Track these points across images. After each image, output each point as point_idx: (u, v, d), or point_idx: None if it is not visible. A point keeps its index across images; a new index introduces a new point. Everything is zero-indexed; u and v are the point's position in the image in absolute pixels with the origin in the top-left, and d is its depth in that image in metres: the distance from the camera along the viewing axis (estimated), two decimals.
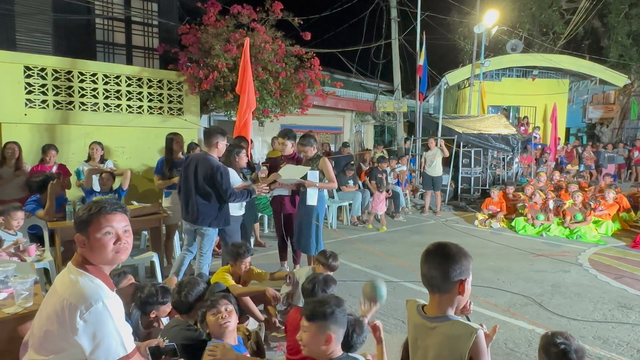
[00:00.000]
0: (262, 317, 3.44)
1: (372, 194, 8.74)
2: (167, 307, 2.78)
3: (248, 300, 3.38)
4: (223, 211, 4.09)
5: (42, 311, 1.63)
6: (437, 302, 1.72)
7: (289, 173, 4.56)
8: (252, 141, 5.32)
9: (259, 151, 10.52)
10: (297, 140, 4.89)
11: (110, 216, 1.65)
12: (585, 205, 7.60)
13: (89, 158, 6.04)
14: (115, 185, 5.21)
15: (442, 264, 1.66)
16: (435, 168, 9.23)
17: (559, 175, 9.99)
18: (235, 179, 4.36)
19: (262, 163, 7.56)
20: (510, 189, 8.73)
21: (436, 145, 9.55)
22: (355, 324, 2.21)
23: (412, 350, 1.83)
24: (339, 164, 9.22)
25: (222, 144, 4.11)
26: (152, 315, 2.73)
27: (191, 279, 2.84)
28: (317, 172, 4.67)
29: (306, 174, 4.55)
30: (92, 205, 1.68)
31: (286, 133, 4.90)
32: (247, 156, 4.73)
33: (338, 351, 1.92)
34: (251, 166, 5.76)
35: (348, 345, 2.16)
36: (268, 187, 4.44)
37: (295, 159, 4.88)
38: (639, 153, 13.93)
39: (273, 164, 5.11)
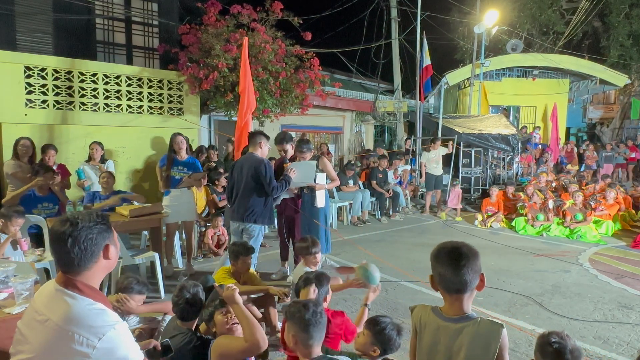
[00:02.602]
0: (260, 315, 3.46)
1: (372, 194, 8.76)
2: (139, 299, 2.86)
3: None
4: (268, 207, 4.30)
5: (30, 339, 1.46)
6: (459, 302, 1.72)
7: (296, 172, 4.58)
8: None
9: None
10: (295, 143, 4.93)
11: None
12: (586, 205, 7.60)
13: (90, 158, 6.06)
14: (116, 187, 5.23)
15: (464, 265, 1.68)
16: (438, 167, 9.30)
17: (553, 177, 9.91)
18: None
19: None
20: (510, 189, 8.73)
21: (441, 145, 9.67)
22: (395, 327, 2.28)
23: (430, 354, 1.81)
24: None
25: (265, 146, 4.37)
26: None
27: (191, 284, 2.79)
28: (324, 174, 4.74)
29: (315, 176, 4.61)
30: (95, 214, 1.55)
31: (283, 138, 4.91)
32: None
33: (317, 352, 1.95)
34: None
35: (385, 348, 2.25)
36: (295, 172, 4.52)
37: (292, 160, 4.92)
38: (636, 153, 13.97)
39: (277, 164, 5.12)
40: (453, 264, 1.69)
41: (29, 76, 6.48)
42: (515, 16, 17.45)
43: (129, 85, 7.39)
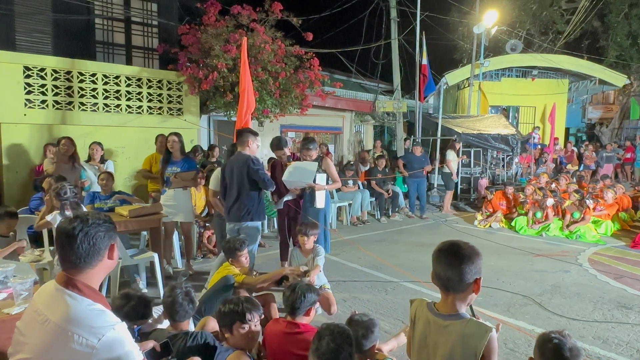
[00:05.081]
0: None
1: (372, 194, 8.76)
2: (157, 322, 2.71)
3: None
4: (261, 204, 4.35)
5: (30, 339, 1.46)
6: (451, 301, 1.73)
7: (295, 172, 4.58)
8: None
9: (259, 151, 10.50)
10: (296, 143, 4.96)
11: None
12: (582, 204, 7.56)
13: (89, 158, 6.06)
14: (116, 187, 5.23)
15: (458, 265, 1.67)
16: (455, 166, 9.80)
17: (545, 182, 9.85)
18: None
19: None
20: (509, 189, 8.74)
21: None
22: (361, 325, 2.27)
23: (419, 347, 1.84)
24: (411, 163, 9.06)
25: (254, 143, 4.35)
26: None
27: (182, 285, 2.71)
28: (325, 175, 4.73)
29: (315, 176, 4.61)
30: (96, 214, 1.55)
31: (278, 142, 4.93)
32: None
33: None
34: None
35: (359, 349, 2.23)
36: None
37: (296, 159, 4.93)
38: (632, 154, 14.00)
39: (276, 166, 5.12)
40: (444, 261, 1.71)
41: (28, 76, 6.48)
42: (515, 15, 17.44)
43: (128, 85, 7.39)
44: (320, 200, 4.69)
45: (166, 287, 2.65)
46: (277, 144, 4.91)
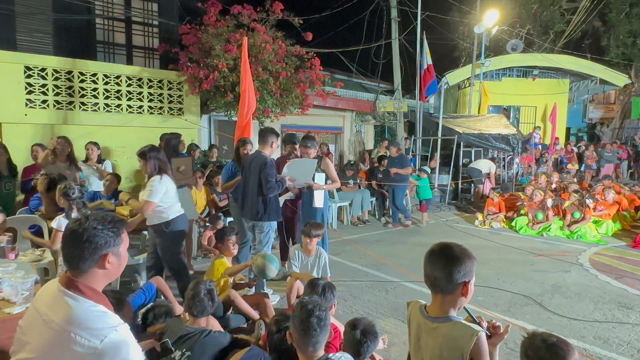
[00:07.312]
0: (257, 315, 3.47)
1: (372, 194, 8.75)
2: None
3: (241, 301, 3.51)
4: (277, 203, 4.39)
5: (32, 339, 1.45)
6: (439, 302, 1.72)
7: (296, 169, 4.59)
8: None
9: None
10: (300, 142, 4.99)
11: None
12: (582, 203, 7.56)
13: (87, 158, 6.05)
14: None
15: (446, 266, 1.66)
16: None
17: (557, 176, 9.89)
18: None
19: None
20: (505, 193, 8.75)
21: None
22: (368, 331, 2.26)
23: (414, 349, 1.85)
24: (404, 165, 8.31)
25: (276, 144, 4.40)
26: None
27: (207, 282, 2.78)
28: (324, 174, 4.74)
29: (313, 175, 4.63)
30: (106, 218, 1.49)
31: (292, 138, 4.97)
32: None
33: (320, 353, 2.02)
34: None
35: (358, 353, 2.23)
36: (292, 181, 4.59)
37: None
38: (622, 151, 14.01)
39: (280, 163, 5.13)
40: (434, 261, 1.71)
41: (29, 76, 6.48)
42: (516, 15, 17.42)
43: (129, 85, 7.39)
44: (318, 200, 4.70)
45: (192, 282, 2.68)
46: (291, 139, 5.02)
